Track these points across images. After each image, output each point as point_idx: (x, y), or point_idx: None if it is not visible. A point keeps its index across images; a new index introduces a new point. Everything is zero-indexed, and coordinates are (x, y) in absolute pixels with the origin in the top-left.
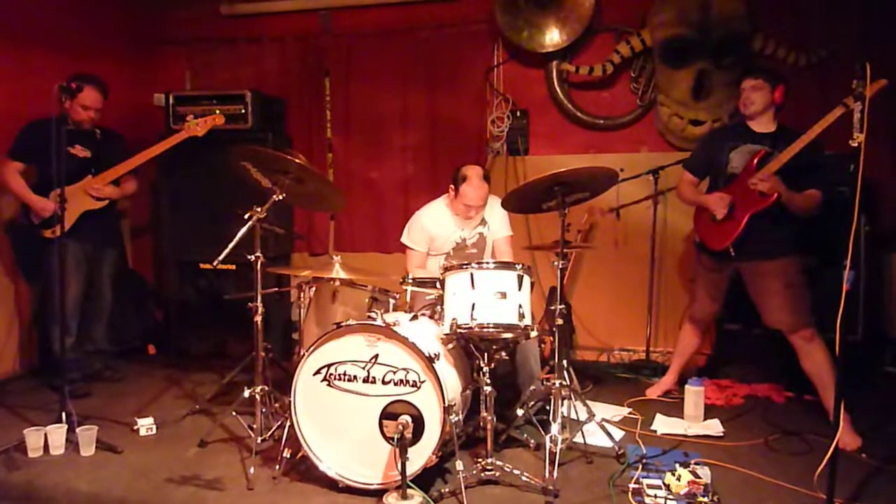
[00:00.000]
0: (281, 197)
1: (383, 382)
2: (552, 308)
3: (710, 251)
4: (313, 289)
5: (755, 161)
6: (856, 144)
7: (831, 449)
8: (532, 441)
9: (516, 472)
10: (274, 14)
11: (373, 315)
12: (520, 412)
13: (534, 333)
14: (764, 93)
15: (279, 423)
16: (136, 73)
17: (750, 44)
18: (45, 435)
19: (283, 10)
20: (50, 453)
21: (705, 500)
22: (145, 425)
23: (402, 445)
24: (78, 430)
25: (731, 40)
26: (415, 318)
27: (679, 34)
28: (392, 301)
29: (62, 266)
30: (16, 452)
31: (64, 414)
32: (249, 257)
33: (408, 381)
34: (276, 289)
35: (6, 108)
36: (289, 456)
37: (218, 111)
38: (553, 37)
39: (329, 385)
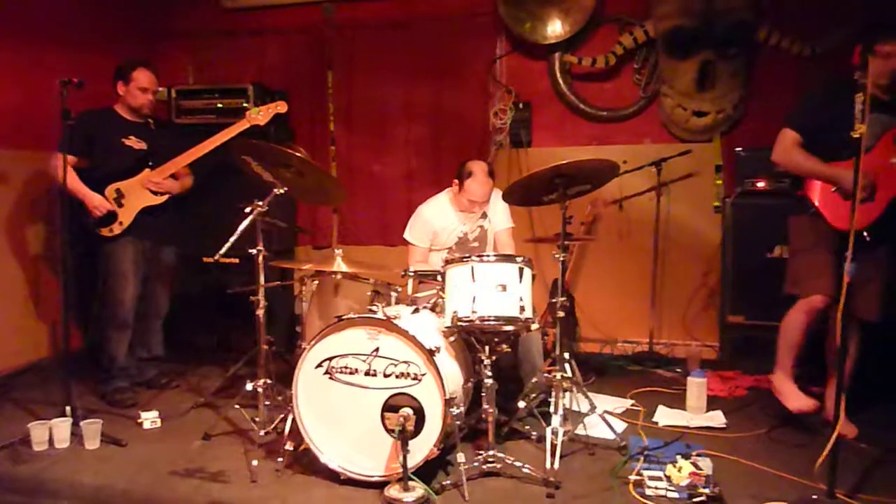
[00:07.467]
0: (282, 191)
1: (384, 375)
2: (553, 300)
3: (833, 228)
4: (315, 282)
5: (893, 137)
6: (857, 136)
7: (832, 440)
8: (534, 433)
9: (518, 464)
10: (277, 7)
11: (374, 308)
12: (521, 404)
13: (535, 326)
14: None
15: (282, 416)
16: None
17: (754, 34)
18: (50, 429)
19: (285, 3)
20: (55, 447)
21: (706, 491)
22: (150, 418)
23: (404, 438)
24: (83, 423)
25: (736, 31)
26: (416, 311)
27: (683, 25)
28: (394, 294)
29: (64, 258)
30: (21, 446)
31: (69, 408)
32: (251, 251)
33: (409, 374)
34: (279, 282)
35: (5, 103)
36: (292, 448)
37: (220, 104)
38: (555, 28)
39: (331, 378)
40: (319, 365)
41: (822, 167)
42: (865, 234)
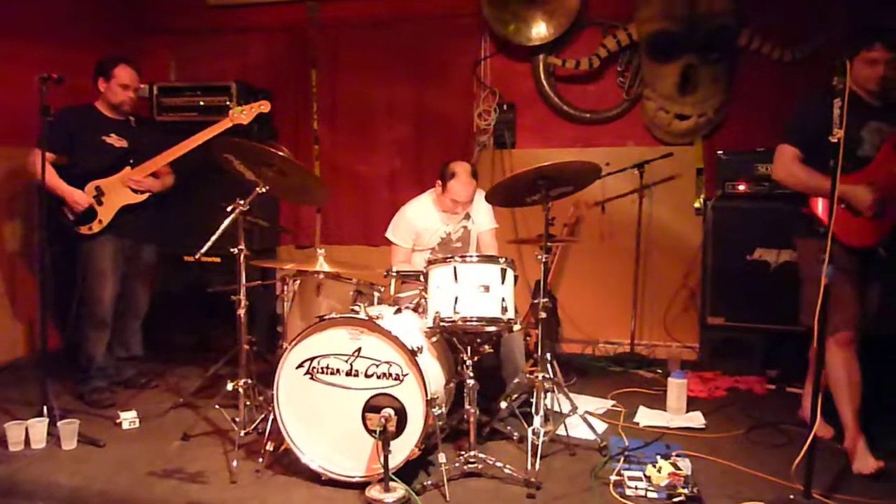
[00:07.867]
0: (264, 190)
1: (366, 376)
2: (536, 301)
3: (845, 246)
4: (297, 282)
5: (893, 145)
6: (835, 140)
7: (808, 441)
8: (515, 434)
9: (499, 464)
10: (261, 4)
11: (356, 308)
12: (503, 405)
13: (517, 327)
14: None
15: (263, 416)
16: None
17: (736, 39)
18: (27, 429)
19: (270, 1)
20: (31, 447)
21: (685, 491)
22: (128, 419)
23: (385, 438)
24: (60, 423)
25: (717, 36)
26: (398, 311)
27: (665, 29)
28: (377, 294)
29: (42, 256)
30: None
31: (46, 407)
32: (233, 250)
33: (391, 375)
34: (260, 282)
35: None
36: (272, 449)
37: (202, 102)
38: (540, 30)
39: (312, 378)
40: (300, 365)
41: (828, 184)
42: (881, 249)
